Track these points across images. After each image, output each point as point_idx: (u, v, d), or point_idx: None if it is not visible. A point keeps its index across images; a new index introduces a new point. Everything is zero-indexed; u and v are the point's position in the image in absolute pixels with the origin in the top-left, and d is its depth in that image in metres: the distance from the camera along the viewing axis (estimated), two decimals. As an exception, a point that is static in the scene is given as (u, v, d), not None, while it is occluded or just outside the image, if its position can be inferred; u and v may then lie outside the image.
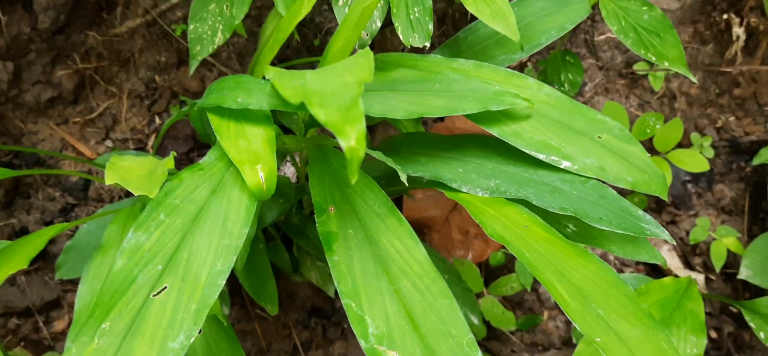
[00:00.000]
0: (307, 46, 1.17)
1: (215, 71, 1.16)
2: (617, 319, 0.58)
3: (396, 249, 0.59)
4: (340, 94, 0.43)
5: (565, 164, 0.74)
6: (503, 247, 1.23)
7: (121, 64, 1.16)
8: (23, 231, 1.07)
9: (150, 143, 1.15)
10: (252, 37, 1.15)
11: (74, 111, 1.16)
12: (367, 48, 0.54)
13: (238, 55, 1.15)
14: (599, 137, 0.77)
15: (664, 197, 0.76)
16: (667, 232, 0.70)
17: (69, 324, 1.08)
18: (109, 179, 0.61)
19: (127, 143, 1.15)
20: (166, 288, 0.55)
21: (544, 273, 0.61)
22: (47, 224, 1.10)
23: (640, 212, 0.72)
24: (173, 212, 0.60)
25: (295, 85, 0.47)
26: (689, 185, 1.18)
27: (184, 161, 1.14)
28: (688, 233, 1.14)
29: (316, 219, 0.64)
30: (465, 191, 0.75)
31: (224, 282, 0.56)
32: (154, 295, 0.54)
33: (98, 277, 0.70)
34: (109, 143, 1.15)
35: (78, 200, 1.12)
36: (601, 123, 0.78)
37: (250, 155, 0.63)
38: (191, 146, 1.14)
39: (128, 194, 1.12)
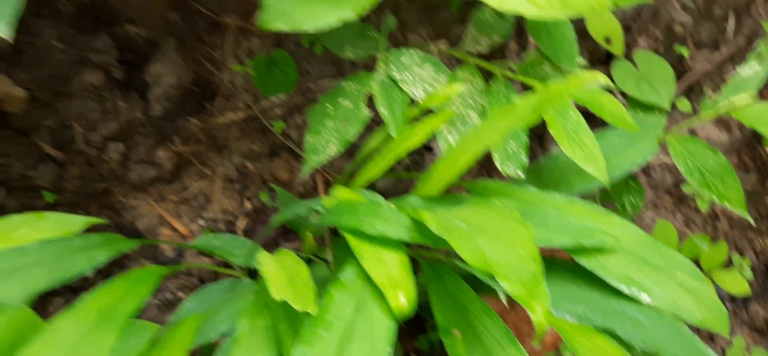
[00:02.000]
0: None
1: (300, 159, 1.27)
2: None
3: (520, 378, 0.69)
4: (518, 268, 0.54)
5: (644, 298, 0.84)
6: (556, 348, 1.32)
7: (217, 150, 1.27)
8: (124, 301, 1.16)
9: (239, 225, 1.25)
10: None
11: (171, 189, 1.26)
12: (523, 220, 0.64)
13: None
14: (674, 274, 0.87)
15: (726, 335, 0.86)
16: (737, 370, 0.80)
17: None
18: (277, 295, 0.70)
19: (217, 222, 1.25)
20: (333, 401, 0.64)
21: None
22: (142, 293, 1.19)
23: (711, 351, 0.82)
24: (329, 328, 0.70)
25: (473, 250, 0.58)
26: (727, 304, 1.29)
27: (269, 246, 1.25)
28: (724, 350, 1.24)
29: (442, 340, 0.74)
30: (554, 313, 0.85)
31: (379, 398, 0.65)
32: (324, 407, 0.64)
33: (238, 370, 0.79)
34: (201, 221, 1.25)
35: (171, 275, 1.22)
36: (675, 260, 0.88)
37: (390, 280, 0.73)
38: (279, 231, 1.25)
39: (217, 272, 1.22)
